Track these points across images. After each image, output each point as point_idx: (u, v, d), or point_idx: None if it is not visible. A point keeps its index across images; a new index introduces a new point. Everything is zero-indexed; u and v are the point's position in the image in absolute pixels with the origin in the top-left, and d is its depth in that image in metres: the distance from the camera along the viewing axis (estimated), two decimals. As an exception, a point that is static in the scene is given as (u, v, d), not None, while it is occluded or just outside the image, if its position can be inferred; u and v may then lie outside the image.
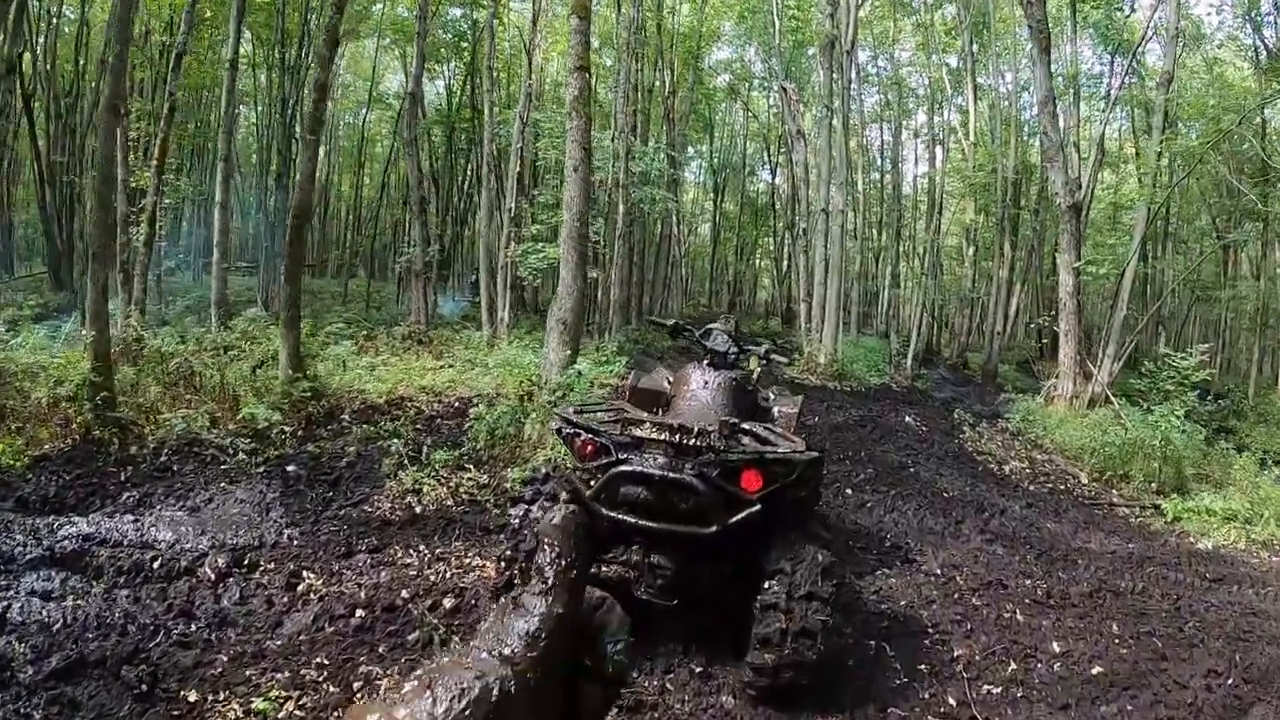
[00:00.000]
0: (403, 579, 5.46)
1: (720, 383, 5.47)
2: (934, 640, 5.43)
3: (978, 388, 22.56)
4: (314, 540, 6.11)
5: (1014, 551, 7.51)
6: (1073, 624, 5.91)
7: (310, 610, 4.91)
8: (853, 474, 9.77)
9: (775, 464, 4.30)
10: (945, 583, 6.48)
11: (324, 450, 8.50)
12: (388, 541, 6.17)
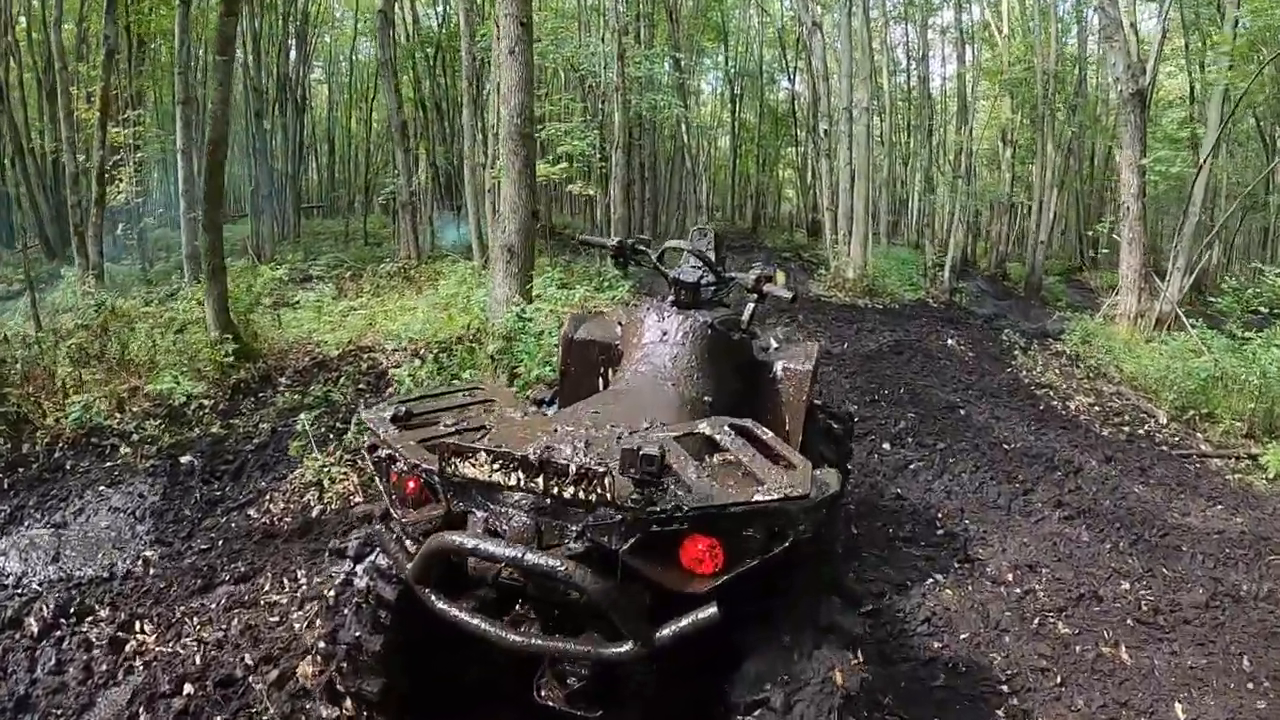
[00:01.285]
0: (258, 630, 4.10)
1: (689, 332, 3.76)
2: (1009, 709, 3.86)
3: (1020, 302, 20.71)
4: (175, 567, 4.85)
5: (1101, 535, 5.85)
6: (1192, 660, 4.34)
7: (131, 683, 3.72)
8: (890, 420, 8.11)
9: (748, 522, 2.57)
10: (1021, 597, 4.85)
11: (234, 430, 7.06)
12: (261, 565, 4.80)
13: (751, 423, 2.98)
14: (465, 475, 2.50)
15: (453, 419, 3.11)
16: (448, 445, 2.52)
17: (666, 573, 2.54)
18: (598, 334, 4.26)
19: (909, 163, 31.88)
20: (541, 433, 2.86)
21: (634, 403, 3.36)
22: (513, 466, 2.43)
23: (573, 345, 4.25)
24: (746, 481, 2.63)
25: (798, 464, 2.67)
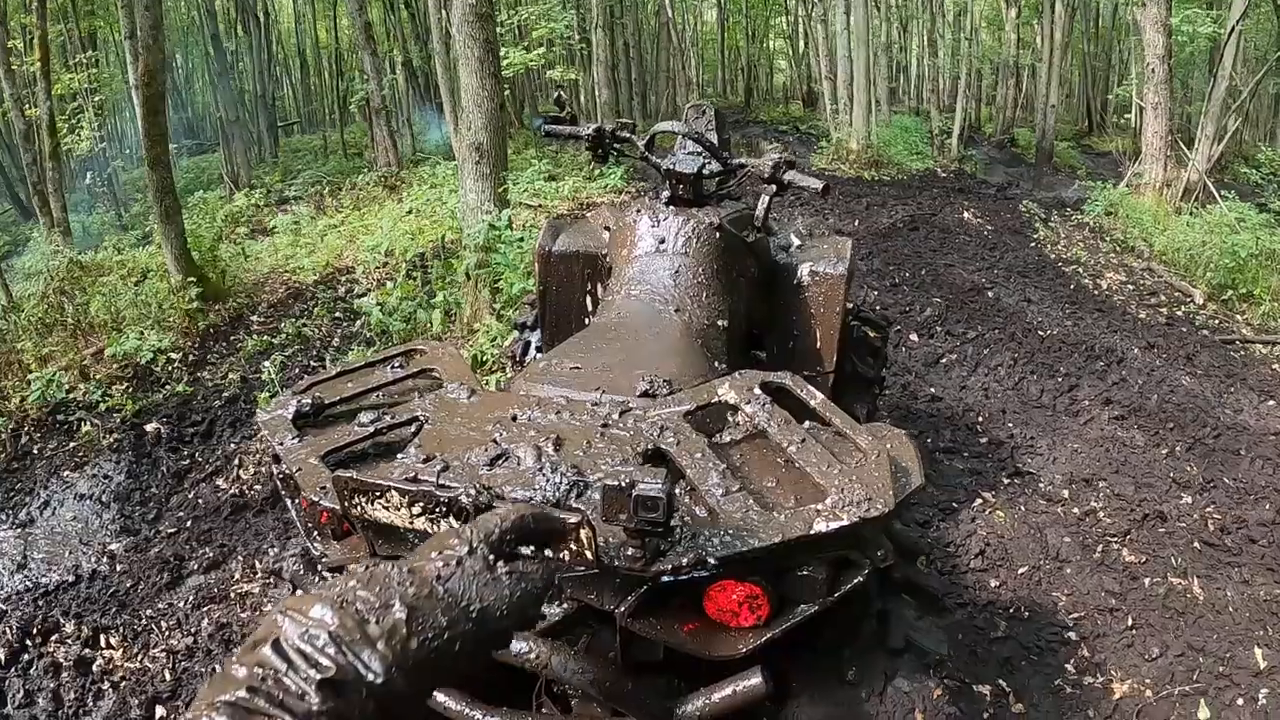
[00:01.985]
0: (229, 630, 3.68)
1: (693, 237, 3.06)
2: (1079, 661, 3.40)
3: (1032, 169, 19.82)
4: (141, 560, 4.38)
5: (1155, 437, 5.36)
6: (1264, 589, 3.88)
7: (100, 714, 3.32)
8: (915, 307, 7.51)
9: (804, 557, 1.88)
10: (1080, 519, 4.37)
11: (202, 385, 6.47)
12: (232, 546, 4.36)
13: (791, 378, 2.27)
14: (376, 519, 1.79)
15: (375, 410, 2.34)
16: (345, 482, 1.77)
17: (688, 634, 1.89)
18: (580, 244, 3.55)
19: (907, 27, 30.21)
20: (493, 423, 2.15)
21: (626, 347, 2.67)
22: (439, 511, 1.69)
23: (551, 260, 3.56)
24: (797, 487, 1.95)
25: (866, 446, 1.97)
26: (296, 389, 2.47)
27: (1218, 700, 3.29)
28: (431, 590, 0.88)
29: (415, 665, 0.81)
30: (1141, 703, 3.24)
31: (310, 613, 0.79)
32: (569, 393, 2.33)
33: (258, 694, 0.72)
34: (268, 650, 0.76)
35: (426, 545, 0.98)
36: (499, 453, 2.01)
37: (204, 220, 9.82)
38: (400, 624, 0.82)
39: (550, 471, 1.91)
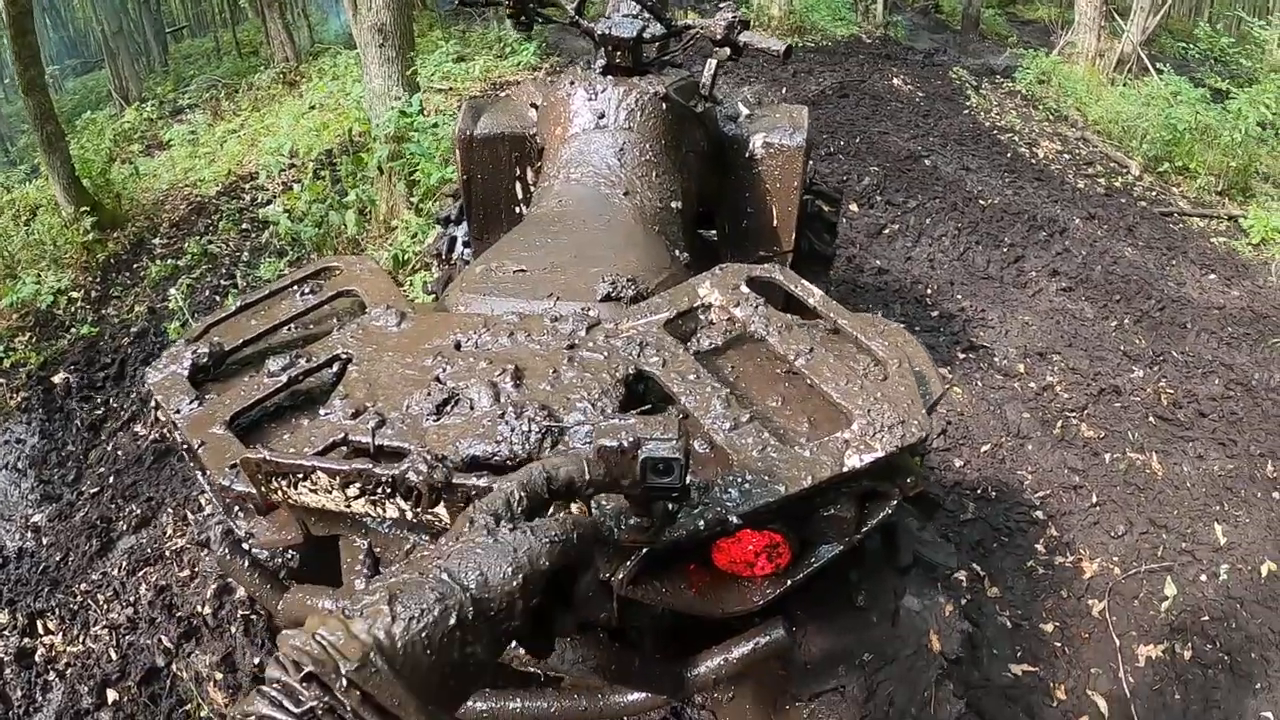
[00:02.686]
0: (170, 594, 3.36)
1: (636, 109, 2.69)
2: (1048, 540, 3.31)
3: (958, 36, 19.34)
4: (67, 528, 3.99)
5: (1104, 310, 5.28)
6: (1218, 465, 3.89)
7: (51, 707, 3.07)
8: (852, 176, 7.21)
9: (829, 496, 1.59)
10: (1038, 394, 4.26)
11: (108, 323, 5.83)
12: (159, 498, 4.01)
13: (781, 271, 1.93)
14: (303, 504, 1.46)
15: (288, 353, 1.88)
16: (258, 465, 1.42)
17: (696, 593, 1.62)
18: (504, 125, 3.12)
19: None
20: (433, 356, 1.77)
21: (575, 242, 2.29)
22: (382, 492, 1.36)
23: (473, 145, 3.12)
24: (807, 406, 1.66)
25: (884, 355, 1.67)
26: (190, 335, 2.01)
27: (1183, 576, 3.26)
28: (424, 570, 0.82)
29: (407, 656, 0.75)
30: (1111, 581, 3.19)
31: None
32: (519, 304, 1.96)
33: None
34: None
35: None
36: (445, 396, 1.63)
37: (93, 143, 8.80)
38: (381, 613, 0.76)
39: (514, 417, 1.54)
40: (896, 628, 1.93)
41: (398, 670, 0.73)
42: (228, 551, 1.90)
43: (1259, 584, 3.27)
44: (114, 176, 8.18)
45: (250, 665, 2.53)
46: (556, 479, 0.98)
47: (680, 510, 1.41)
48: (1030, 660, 2.84)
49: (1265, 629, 3.09)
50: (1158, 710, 2.77)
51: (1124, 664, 2.87)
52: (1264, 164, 8.80)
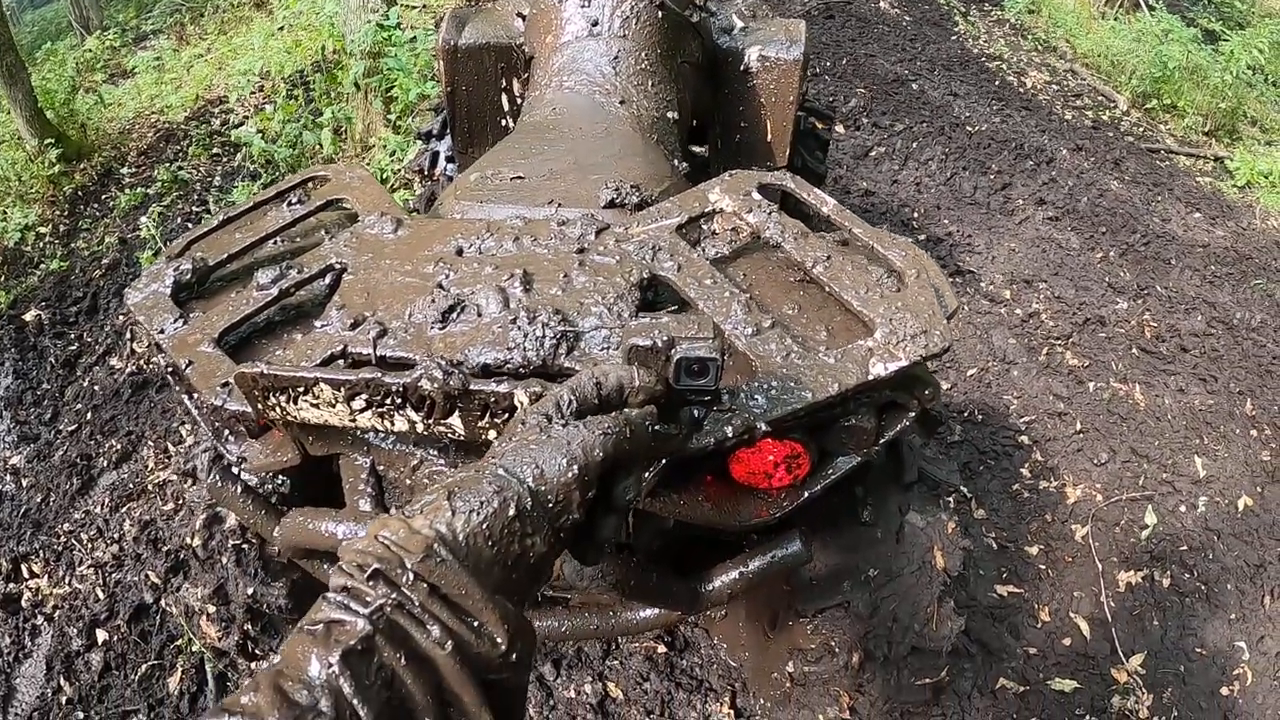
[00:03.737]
0: (154, 527, 3.32)
1: (631, 15, 2.59)
2: (1033, 465, 3.29)
3: (944, -42, 18.99)
4: (47, 468, 3.87)
5: (1089, 240, 5.23)
6: (1199, 399, 3.89)
7: (41, 651, 3.02)
8: (838, 97, 7.04)
9: (851, 405, 1.55)
10: (1024, 320, 4.20)
11: (79, 256, 5.56)
12: (139, 432, 3.90)
13: (793, 179, 1.84)
14: (303, 421, 1.36)
15: (277, 265, 1.74)
16: (253, 380, 1.31)
17: (713, 505, 1.56)
18: (490, 35, 2.98)
19: None
20: (434, 262, 1.66)
21: (572, 149, 2.18)
22: (391, 403, 1.27)
23: (458, 55, 2.99)
24: (824, 314, 1.59)
25: (900, 265, 1.59)
26: (171, 251, 1.86)
27: (1163, 506, 3.26)
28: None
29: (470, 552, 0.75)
30: (1094, 507, 3.18)
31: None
32: (520, 210, 1.84)
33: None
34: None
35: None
36: (451, 303, 1.52)
37: (55, 74, 8.29)
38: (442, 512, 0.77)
39: (526, 322, 1.45)
40: (901, 544, 1.91)
41: (462, 560, 0.72)
42: (218, 478, 1.79)
43: (1236, 517, 3.27)
44: (78, 107, 7.81)
45: (243, 596, 2.46)
46: (606, 385, 0.94)
47: (707, 417, 1.30)
48: (1015, 581, 2.83)
49: (1241, 561, 3.10)
50: (1137, 635, 2.78)
51: (1105, 589, 2.87)
52: (1252, 108, 8.74)
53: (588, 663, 2.67)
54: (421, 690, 0.67)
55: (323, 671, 0.65)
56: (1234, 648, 2.82)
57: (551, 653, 2.70)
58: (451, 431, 1.28)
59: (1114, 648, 2.73)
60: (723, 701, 2.53)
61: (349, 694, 0.64)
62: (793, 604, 1.97)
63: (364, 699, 0.64)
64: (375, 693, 0.65)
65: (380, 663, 0.66)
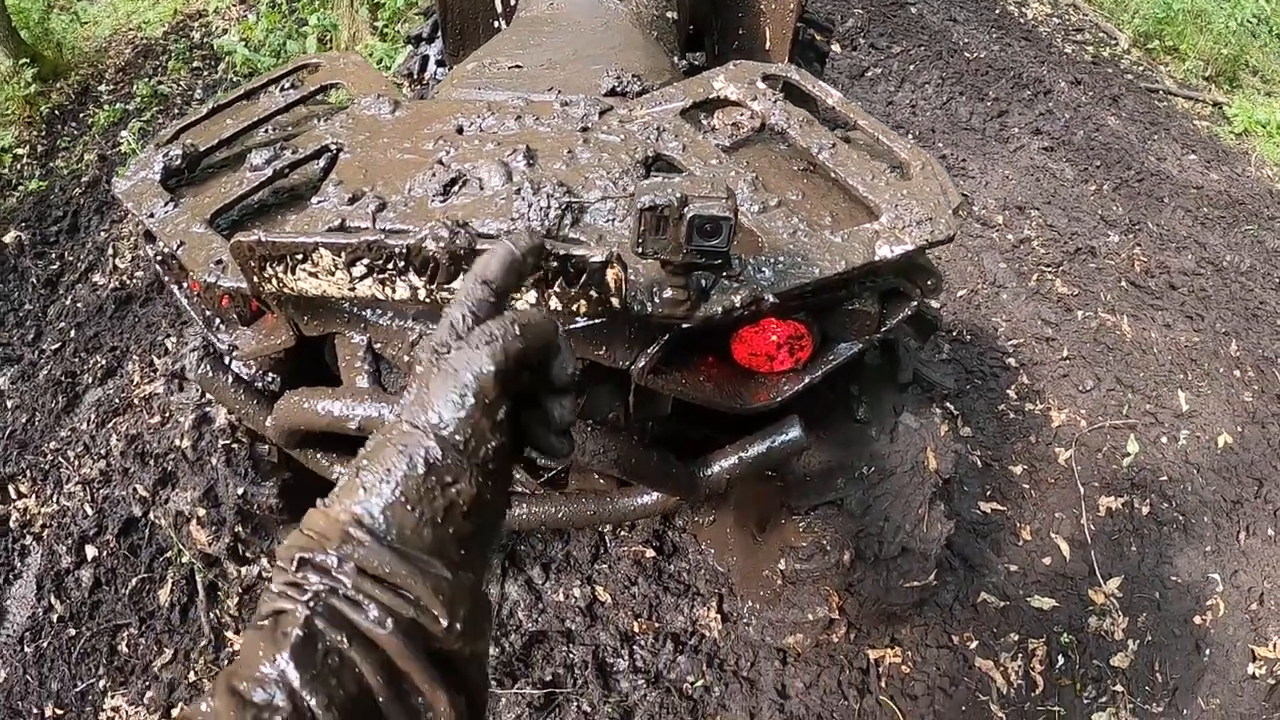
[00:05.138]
0: (141, 441, 3.21)
1: None
2: (1020, 387, 3.25)
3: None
4: (32, 388, 3.75)
5: (1084, 173, 5.12)
6: (1185, 336, 3.84)
7: (31, 571, 2.96)
8: (835, 16, 6.79)
9: (855, 288, 1.54)
10: (1015, 246, 4.10)
11: (57, 175, 5.30)
12: (124, 347, 3.78)
13: (797, 71, 1.79)
14: (300, 292, 1.30)
15: (270, 147, 1.68)
16: (249, 248, 1.24)
17: (714, 386, 1.54)
18: None
19: None
20: (434, 140, 1.60)
21: (571, 42, 2.13)
22: (394, 267, 1.20)
23: None
24: (829, 202, 1.55)
25: (906, 156, 1.57)
26: (160, 140, 1.77)
27: (1145, 436, 3.21)
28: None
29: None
30: (1078, 432, 3.13)
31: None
32: (516, 92, 1.80)
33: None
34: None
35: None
36: (451, 176, 1.47)
37: None
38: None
39: (530, 193, 1.41)
40: (895, 443, 1.87)
41: (381, 537, 0.68)
42: (208, 368, 1.70)
43: (1215, 453, 3.23)
44: (53, 25, 7.48)
45: (234, 497, 2.37)
46: (492, 276, 0.82)
47: (715, 286, 1.31)
48: (999, 499, 2.78)
49: (1219, 496, 3.06)
50: (1115, 559, 2.74)
51: (1086, 512, 2.82)
52: (1254, 57, 8.59)
53: (576, 566, 2.61)
54: (372, 671, 0.64)
55: (272, 667, 0.62)
56: (1208, 579, 2.79)
57: (540, 556, 2.63)
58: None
59: (1092, 570, 2.69)
60: (710, 606, 2.48)
61: (298, 685, 0.61)
62: (786, 501, 1.92)
63: (314, 688, 0.61)
64: (325, 680, 0.62)
65: (325, 649, 0.63)
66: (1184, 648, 2.61)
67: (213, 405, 2.25)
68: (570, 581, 2.56)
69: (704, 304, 1.30)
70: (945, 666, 2.39)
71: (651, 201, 1.14)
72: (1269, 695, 2.55)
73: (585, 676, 2.38)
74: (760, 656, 2.37)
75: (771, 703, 2.30)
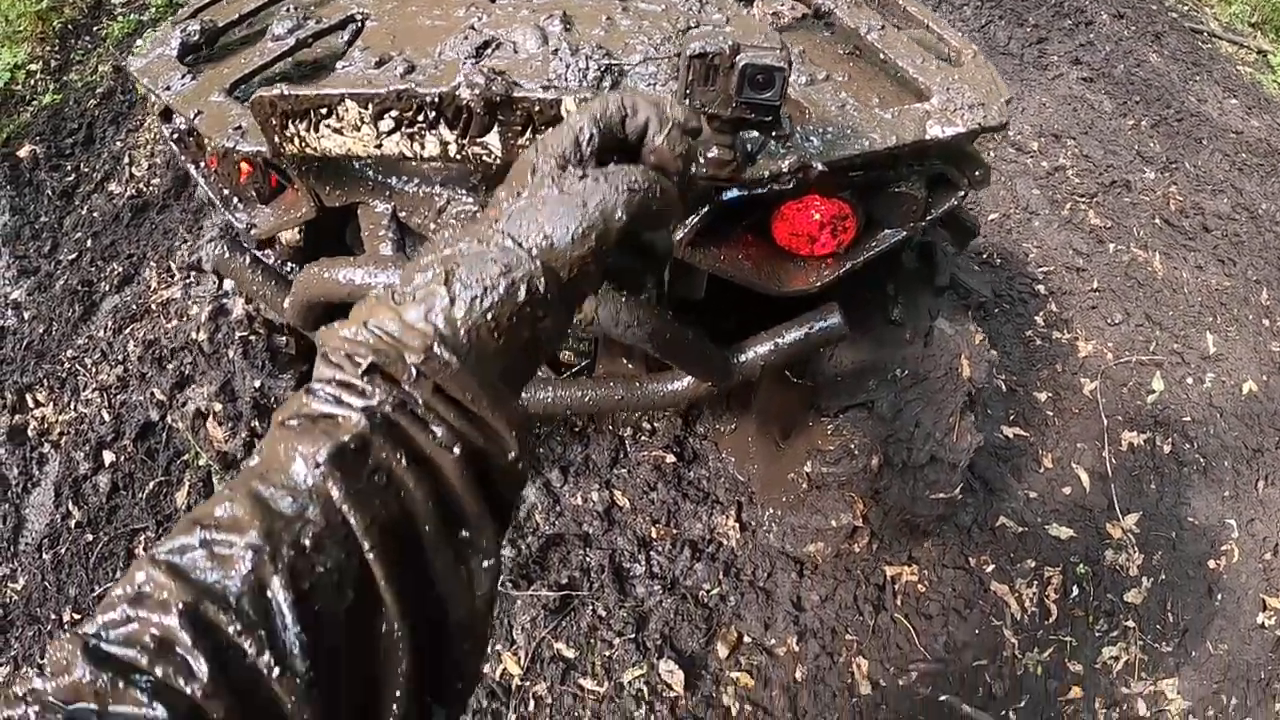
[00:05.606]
0: (159, 347, 3.12)
1: None
2: (1048, 315, 3.22)
3: None
4: (48, 299, 3.67)
5: (1122, 107, 4.98)
6: (1216, 279, 3.75)
7: (49, 479, 2.92)
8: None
9: (902, 169, 1.48)
10: (1049, 174, 4.01)
11: (72, 89, 5.13)
12: (141, 254, 3.70)
13: None
14: (325, 151, 1.22)
15: (293, 18, 1.59)
16: (272, 103, 1.18)
17: (754, 265, 1.49)
18: None
19: None
20: (465, 7, 1.54)
21: None
22: (424, 119, 1.13)
23: None
24: (875, 85, 1.50)
25: (957, 44, 1.55)
26: (178, 18, 1.69)
27: (1170, 375, 3.16)
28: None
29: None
30: (1103, 364, 3.08)
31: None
32: None
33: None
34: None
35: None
36: (484, 40, 1.40)
37: None
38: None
39: (569, 54, 1.34)
40: (929, 347, 1.81)
41: (464, 357, 0.61)
42: (225, 249, 1.63)
43: (1239, 399, 3.19)
44: None
45: (250, 390, 2.29)
46: (635, 117, 0.73)
47: (762, 149, 1.24)
48: (1022, 424, 2.74)
49: (1240, 443, 3.03)
50: (1134, 495, 2.71)
51: (1109, 445, 2.78)
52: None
53: (595, 470, 2.58)
54: (424, 498, 0.57)
55: (310, 474, 0.55)
56: (1224, 524, 2.76)
57: (559, 459, 2.60)
58: (488, 153, 1.16)
59: (1111, 503, 2.66)
60: (728, 514, 2.45)
61: (338, 499, 0.54)
62: (815, 402, 1.86)
63: (356, 504, 0.54)
64: (369, 499, 0.55)
65: (375, 465, 0.56)
66: (1196, 590, 2.60)
67: (229, 297, 2.20)
68: (589, 485, 2.53)
69: (750, 167, 1.23)
70: (961, 588, 2.38)
71: (702, 48, 1.05)
72: (1276, 646, 2.54)
73: (601, 580, 2.37)
74: (777, 568, 2.35)
75: (786, 614, 2.29)
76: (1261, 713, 2.43)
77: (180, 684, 0.48)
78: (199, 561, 0.53)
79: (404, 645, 0.55)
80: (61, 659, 0.49)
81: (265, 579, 0.51)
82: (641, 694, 2.23)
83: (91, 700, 0.47)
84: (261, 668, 0.50)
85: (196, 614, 0.50)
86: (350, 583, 0.54)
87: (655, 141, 0.72)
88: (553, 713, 2.24)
